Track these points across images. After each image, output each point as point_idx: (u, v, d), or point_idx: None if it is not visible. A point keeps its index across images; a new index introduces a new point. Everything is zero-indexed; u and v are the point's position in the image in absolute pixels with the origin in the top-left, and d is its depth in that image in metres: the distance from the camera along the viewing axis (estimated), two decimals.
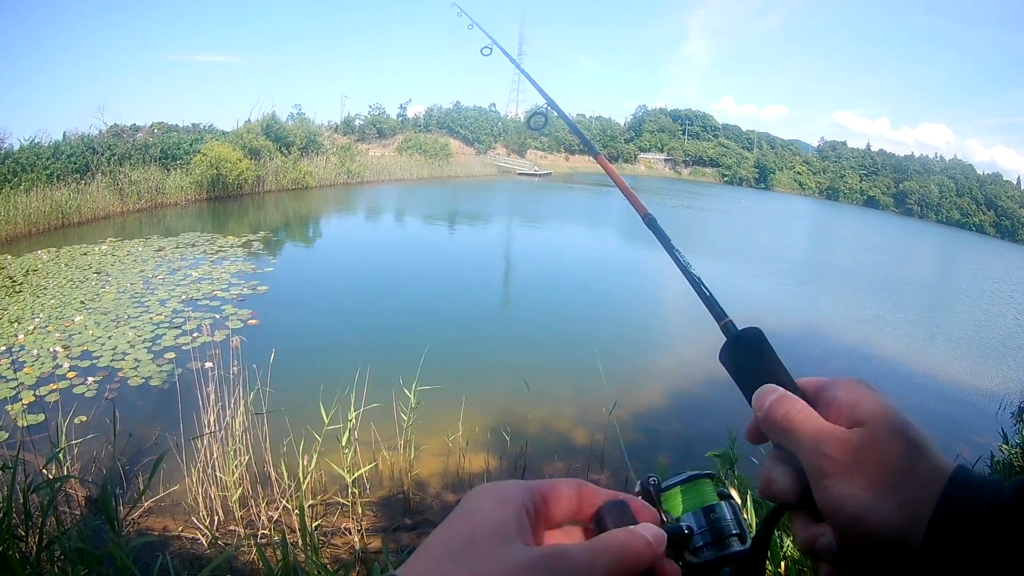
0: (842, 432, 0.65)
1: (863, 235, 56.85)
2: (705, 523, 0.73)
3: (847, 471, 0.62)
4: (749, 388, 0.76)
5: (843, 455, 0.63)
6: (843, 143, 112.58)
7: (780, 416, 0.69)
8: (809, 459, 0.66)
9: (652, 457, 8.53)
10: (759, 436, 0.74)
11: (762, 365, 0.77)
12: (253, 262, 17.92)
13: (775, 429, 0.70)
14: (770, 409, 0.71)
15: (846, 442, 0.64)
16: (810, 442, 0.66)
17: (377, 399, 7.51)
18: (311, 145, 41.99)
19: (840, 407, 0.68)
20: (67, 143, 27.18)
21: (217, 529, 6.11)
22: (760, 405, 0.72)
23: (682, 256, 1.03)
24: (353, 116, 75.45)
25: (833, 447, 0.64)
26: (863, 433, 0.64)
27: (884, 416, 0.65)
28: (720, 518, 0.73)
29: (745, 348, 0.80)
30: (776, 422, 0.70)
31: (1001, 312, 26.36)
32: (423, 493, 7.44)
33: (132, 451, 7.34)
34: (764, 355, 0.77)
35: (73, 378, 9.55)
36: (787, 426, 0.68)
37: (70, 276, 15.20)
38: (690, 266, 1.00)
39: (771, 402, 0.71)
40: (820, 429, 0.66)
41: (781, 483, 0.69)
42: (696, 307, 0.93)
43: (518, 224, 35.08)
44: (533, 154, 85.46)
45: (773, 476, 0.71)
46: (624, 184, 1.26)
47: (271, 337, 11.17)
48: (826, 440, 0.65)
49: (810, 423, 0.67)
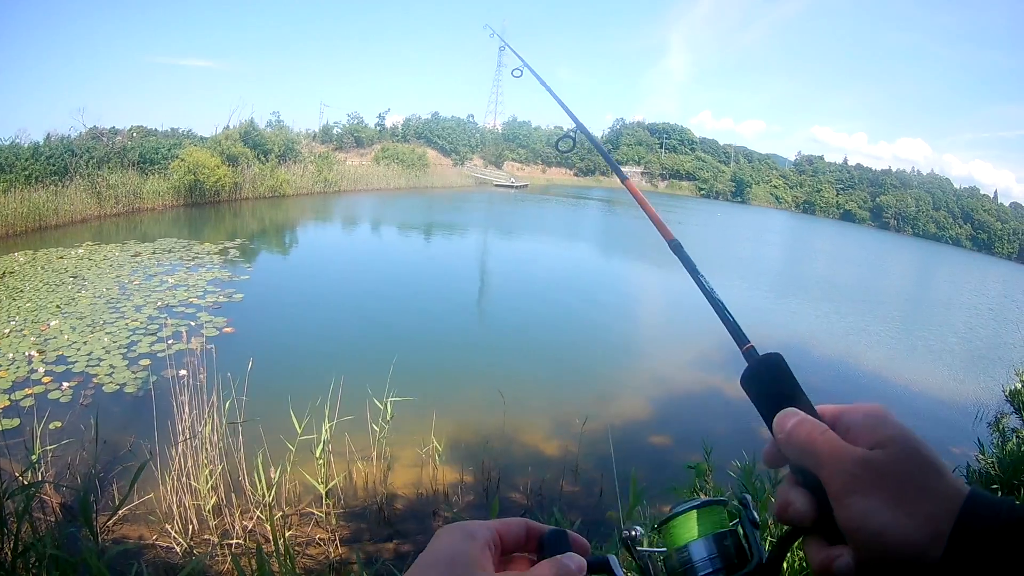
0: (863, 452, 0.67)
1: (840, 248, 57.33)
2: (717, 550, 0.78)
3: (869, 488, 0.65)
4: (770, 412, 0.79)
5: (865, 474, 0.65)
6: (820, 157, 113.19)
7: (803, 437, 0.72)
8: (831, 477, 0.68)
9: (626, 469, 8.57)
10: (778, 459, 0.78)
11: (783, 390, 0.79)
12: (229, 269, 17.88)
13: (797, 450, 0.73)
14: (792, 431, 0.74)
15: (867, 461, 0.66)
16: (832, 461, 0.68)
17: (352, 409, 7.56)
18: (289, 153, 41.90)
19: (860, 430, 0.70)
20: (47, 144, 26.98)
21: (192, 538, 6.10)
22: (782, 427, 0.75)
23: (706, 281, 1.05)
24: (332, 124, 75.07)
25: (855, 466, 0.66)
26: (884, 454, 0.66)
27: (903, 438, 0.67)
28: (734, 544, 0.79)
29: (767, 373, 0.82)
30: (798, 443, 0.72)
31: (980, 324, 26.81)
32: (397, 504, 7.44)
33: (107, 458, 7.32)
34: (785, 380, 0.80)
35: (48, 383, 9.49)
36: (809, 447, 0.71)
37: (46, 279, 15.13)
38: (714, 292, 1.02)
39: (793, 424, 0.74)
40: (842, 449, 0.69)
41: (799, 505, 0.72)
42: (673, 320, 0.98)
43: (494, 236, 35.12)
44: (510, 166, 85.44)
45: (790, 499, 0.73)
46: (652, 209, 1.29)
47: (246, 346, 11.16)
48: (848, 459, 0.67)
49: (832, 444, 0.70)
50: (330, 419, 6.87)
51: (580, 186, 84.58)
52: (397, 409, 7.94)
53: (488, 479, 8.03)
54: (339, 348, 12.56)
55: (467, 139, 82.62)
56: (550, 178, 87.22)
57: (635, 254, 31.79)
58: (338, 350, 12.32)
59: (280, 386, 8.86)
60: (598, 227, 47.51)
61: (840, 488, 0.67)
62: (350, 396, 7.65)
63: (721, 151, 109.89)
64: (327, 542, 6.36)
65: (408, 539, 6.78)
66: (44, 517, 5.62)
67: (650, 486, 4.44)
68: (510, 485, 8.00)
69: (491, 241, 33.14)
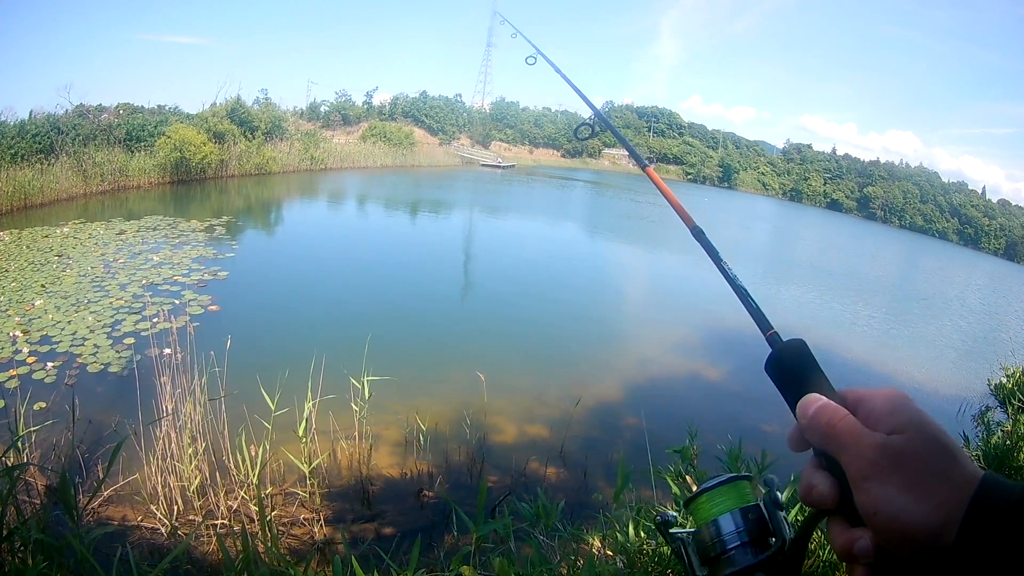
0: (882, 438, 0.70)
1: (826, 236, 57.62)
2: (743, 524, 0.81)
3: (887, 474, 0.67)
4: (793, 397, 0.81)
5: (883, 459, 0.68)
6: (808, 146, 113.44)
7: (824, 423, 0.75)
8: (851, 463, 0.71)
9: (610, 451, 8.63)
10: (801, 444, 0.79)
11: (805, 375, 0.82)
12: (214, 247, 17.79)
13: (819, 435, 0.75)
14: (814, 416, 0.76)
15: (886, 447, 0.69)
16: (852, 447, 0.71)
17: (336, 387, 7.58)
18: (276, 130, 41.58)
19: (880, 415, 0.72)
20: (32, 122, 26.62)
21: (176, 519, 6.11)
22: (804, 413, 0.78)
23: (729, 268, 1.06)
24: (319, 102, 74.80)
25: (873, 451, 0.69)
26: (902, 439, 0.69)
27: (921, 424, 0.70)
28: (758, 519, 0.81)
29: (790, 359, 0.84)
30: (820, 428, 0.75)
31: (965, 317, 27.04)
32: (381, 484, 7.47)
33: (92, 438, 7.30)
34: (807, 366, 0.82)
35: (33, 363, 9.46)
36: (830, 432, 0.74)
37: (31, 258, 15.00)
38: (737, 279, 1.03)
39: (815, 410, 0.77)
40: (861, 435, 0.71)
41: (822, 488, 0.74)
42: (657, 302, 0.97)
43: (480, 216, 35.13)
44: (497, 146, 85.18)
45: (814, 482, 0.75)
46: (673, 196, 1.30)
47: (231, 324, 11.16)
48: (867, 445, 0.70)
49: (852, 429, 0.72)
50: (313, 397, 6.87)
51: (567, 167, 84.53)
52: (381, 389, 7.96)
53: (472, 460, 8.08)
54: (323, 326, 12.56)
55: (455, 118, 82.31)
56: (537, 159, 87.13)
57: (620, 235, 31.90)
58: (322, 328, 12.33)
59: (264, 364, 8.79)
60: (583, 209, 47.51)
61: (859, 472, 0.69)
62: (335, 374, 7.67)
63: (709, 136, 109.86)
64: (312, 522, 6.38)
65: (392, 520, 6.80)
66: (30, 500, 5.61)
67: (635, 469, 4.45)
68: (494, 466, 8.04)
69: (476, 221, 33.15)
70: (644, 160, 1.58)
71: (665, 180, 1.37)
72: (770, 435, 8.97)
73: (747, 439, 4.87)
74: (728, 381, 12.10)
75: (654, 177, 1.41)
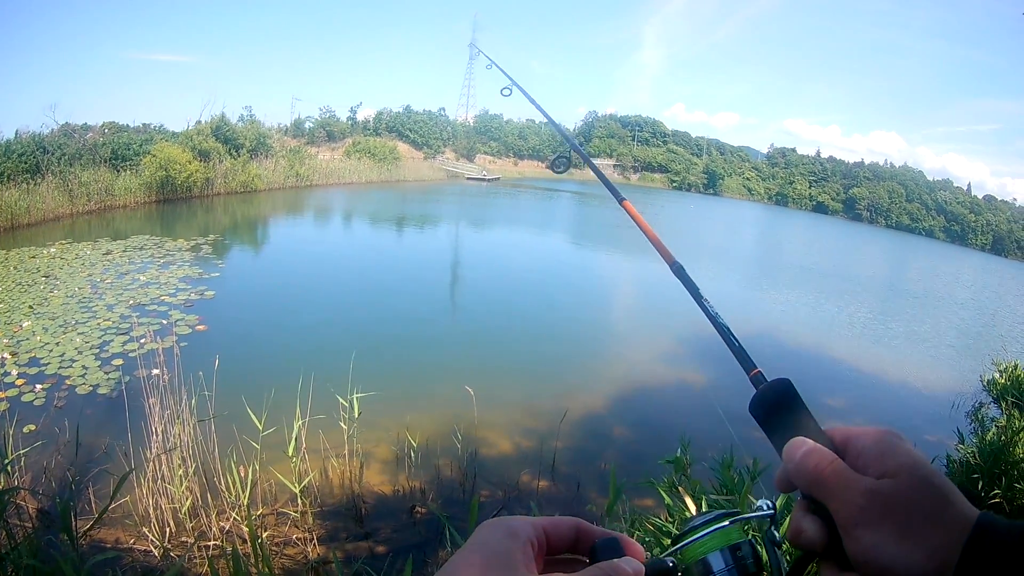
0: (871, 483, 0.67)
1: (813, 238, 57.78)
2: (732, 560, 0.80)
3: (877, 521, 0.64)
4: (779, 438, 0.79)
5: (873, 505, 0.65)
6: (792, 150, 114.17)
7: (811, 468, 0.72)
8: (839, 509, 0.68)
9: (603, 462, 8.63)
10: (788, 485, 0.76)
11: (791, 416, 0.79)
12: (201, 267, 17.73)
13: (806, 480, 0.72)
14: (800, 461, 0.73)
15: (875, 493, 0.66)
16: (840, 493, 0.68)
17: (325, 406, 7.56)
18: (260, 147, 41.57)
19: (869, 457, 0.70)
20: (18, 141, 26.57)
21: (168, 541, 6.08)
22: (791, 457, 0.75)
23: (710, 306, 1.05)
24: (303, 119, 74.87)
25: (863, 498, 0.66)
26: (892, 484, 0.66)
27: (912, 466, 0.67)
28: (745, 556, 0.80)
29: (775, 400, 0.83)
30: (807, 474, 0.72)
31: (956, 313, 27.29)
32: (373, 502, 7.45)
33: (82, 461, 7.25)
34: (793, 407, 0.80)
35: (22, 385, 9.41)
36: (818, 478, 0.71)
37: (18, 279, 14.95)
38: (719, 316, 1.03)
39: (801, 455, 0.73)
40: (849, 480, 0.68)
41: (810, 533, 0.71)
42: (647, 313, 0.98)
43: (466, 229, 35.14)
44: (482, 159, 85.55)
45: (803, 526, 0.73)
46: (651, 231, 1.29)
47: (218, 343, 11.16)
48: (856, 491, 0.67)
49: (840, 475, 0.69)
50: (302, 416, 6.86)
51: (552, 179, 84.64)
52: (371, 406, 7.96)
53: (464, 475, 8.06)
54: (311, 344, 12.49)
55: (439, 132, 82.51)
56: (522, 171, 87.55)
57: (607, 246, 31.90)
58: (311, 346, 12.26)
59: (253, 384, 8.74)
60: (569, 219, 47.56)
61: (848, 520, 0.67)
62: (323, 393, 7.67)
63: (694, 143, 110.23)
64: (304, 542, 6.36)
65: (385, 537, 6.79)
66: (21, 523, 5.57)
67: (628, 480, 4.46)
68: (486, 480, 8.04)
69: (462, 235, 33.14)
70: (620, 195, 1.60)
71: (650, 188, 1.39)
72: (761, 442, 8.93)
73: (738, 446, 4.87)
74: (717, 388, 11.95)
75: (631, 211, 1.43)
